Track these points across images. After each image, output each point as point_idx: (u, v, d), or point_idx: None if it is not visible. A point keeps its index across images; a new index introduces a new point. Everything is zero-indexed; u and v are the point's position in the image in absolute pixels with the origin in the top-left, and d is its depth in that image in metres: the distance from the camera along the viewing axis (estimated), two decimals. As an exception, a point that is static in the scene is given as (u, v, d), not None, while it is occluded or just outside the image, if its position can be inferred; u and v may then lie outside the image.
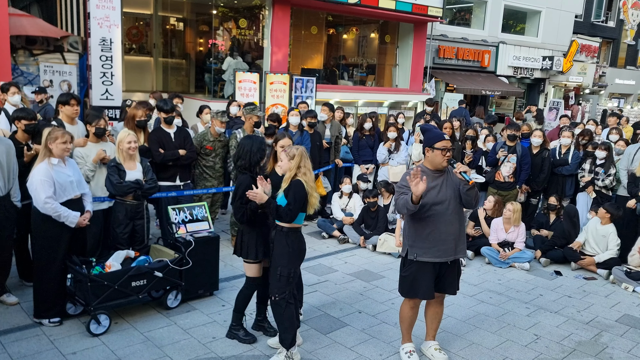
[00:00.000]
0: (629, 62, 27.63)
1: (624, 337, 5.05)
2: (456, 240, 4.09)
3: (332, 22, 16.17)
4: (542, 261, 7.02)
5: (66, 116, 5.60)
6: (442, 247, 4.04)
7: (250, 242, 4.31)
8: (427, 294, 4.14)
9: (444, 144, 3.99)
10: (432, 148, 4.03)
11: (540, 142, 7.93)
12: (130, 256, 4.93)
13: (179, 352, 4.28)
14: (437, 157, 4.01)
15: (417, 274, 4.11)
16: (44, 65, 9.46)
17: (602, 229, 6.83)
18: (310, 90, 12.61)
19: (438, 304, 4.36)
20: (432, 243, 4.03)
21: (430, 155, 4.05)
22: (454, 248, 4.09)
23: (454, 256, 4.12)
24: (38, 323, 4.59)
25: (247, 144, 4.36)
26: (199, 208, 5.44)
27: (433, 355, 4.35)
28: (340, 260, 6.81)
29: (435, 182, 4.03)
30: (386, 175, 8.57)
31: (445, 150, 3.99)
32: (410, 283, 4.15)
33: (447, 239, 4.04)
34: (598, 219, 6.90)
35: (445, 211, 4.02)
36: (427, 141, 4.08)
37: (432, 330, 4.44)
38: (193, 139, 6.61)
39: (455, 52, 17.81)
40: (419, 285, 4.11)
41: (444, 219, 4.02)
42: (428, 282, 4.11)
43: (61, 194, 4.43)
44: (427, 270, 4.09)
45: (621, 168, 7.42)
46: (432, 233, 4.02)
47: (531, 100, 20.95)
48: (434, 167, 4.06)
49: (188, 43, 15.47)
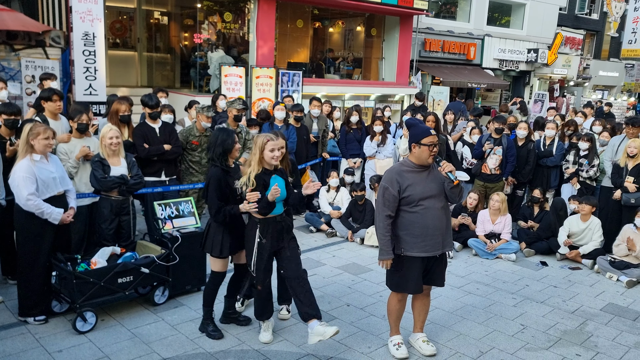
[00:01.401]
0: (612, 54, 27.88)
1: (609, 325, 5.12)
2: (443, 234, 4.11)
3: (317, 16, 16.10)
4: (524, 252, 7.08)
5: (49, 112, 5.53)
6: (430, 242, 4.05)
7: (216, 237, 4.33)
8: (416, 288, 4.16)
9: (430, 139, 3.97)
10: (418, 144, 4.00)
11: (525, 134, 7.99)
12: (116, 252, 4.89)
13: (167, 348, 4.26)
14: (424, 153, 3.99)
15: (406, 269, 4.12)
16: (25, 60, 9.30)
17: (583, 224, 6.91)
18: (296, 84, 12.56)
19: (425, 296, 4.38)
20: (420, 238, 4.03)
21: (417, 150, 4.03)
22: (441, 242, 4.11)
23: (442, 250, 4.15)
24: (23, 321, 4.54)
25: (213, 136, 4.35)
26: (185, 203, 5.40)
27: (421, 347, 4.37)
28: (328, 254, 6.81)
29: (420, 177, 4.04)
30: (373, 168, 8.59)
31: (432, 145, 3.98)
32: (399, 278, 4.17)
33: (434, 234, 4.05)
34: (578, 214, 6.98)
35: (431, 206, 4.03)
36: (414, 137, 4.05)
37: (420, 322, 4.46)
38: (179, 134, 6.56)
39: (441, 45, 17.84)
40: (408, 280, 4.13)
41: (430, 214, 4.03)
42: (417, 276, 4.13)
43: (44, 191, 4.37)
44: (415, 265, 4.10)
45: (605, 159, 7.50)
46: (420, 228, 4.02)
47: (517, 92, 21.09)
48: (420, 162, 4.05)
49: (173, 37, 15.30)
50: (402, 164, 4.17)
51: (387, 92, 15.62)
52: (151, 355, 4.15)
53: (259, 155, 4.10)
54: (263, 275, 4.24)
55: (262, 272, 4.22)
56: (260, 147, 4.10)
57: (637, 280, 6.19)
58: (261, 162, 4.12)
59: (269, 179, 4.14)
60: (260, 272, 4.22)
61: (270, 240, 4.19)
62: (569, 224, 6.99)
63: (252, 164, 4.12)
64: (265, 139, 4.10)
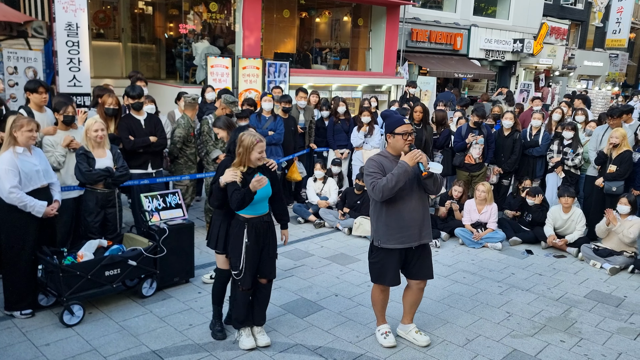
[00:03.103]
0: (597, 44, 28.13)
1: (592, 312, 5.21)
2: (420, 226, 4.08)
3: (304, 6, 16.00)
4: (509, 241, 7.15)
5: (34, 104, 5.46)
6: (406, 233, 4.03)
7: (213, 231, 4.27)
8: (394, 280, 4.15)
9: (404, 128, 3.98)
10: (392, 134, 4.02)
11: (511, 124, 8.05)
12: (103, 245, 4.86)
13: (155, 340, 4.26)
14: (398, 142, 4.00)
15: (383, 261, 4.12)
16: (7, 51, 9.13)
17: (565, 215, 7.00)
18: (283, 74, 12.50)
19: (418, 291, 4.32)
20: (396, 230, 4.02)
21: (392, 140, 4.04)
22: (418, 234, 4.07)
23: (419, 241, 4.10)
24: (9, 315, 4.51)
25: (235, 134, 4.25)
26: (172, 195, 5.38)
27: (415, 339, 4.34)
28: (316, 244, 6.83)
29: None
30: (361, 159, 8.60)
31: (406, 134, 3.97)
32: (378, 270, 4.17)
33: (411, 225, 4.03)
34: (560, 206, 7.06)
35: (407, 197, 4.00)
36: (388, 127, 4.07)
37: (410, 314, 4.44)
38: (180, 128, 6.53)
39: (428, 35, 17.86)
40: (386, 272, 4.13)
41: (407, 206, 4.01)
42: (394, 268, 4.12)
43: (27, 184, 4.33)
44: (392, 257, 4.09)
45: (590, 149, 7.59)
46: (395, 219, 4.01)
47: (503, 82, 21.20)
48: (396, 152, 4.05)
49: (158, 27, 15.13)
50: (380, 154, 4.16)
51: (375, 83, 15.63)
52: (140, 348, 4.15)
53: (246, 156, 4.00)
54: (250, 276, 4.10)
55: (249, 273, 4.09)
56: (248, 147, 3.98)
57: (619, 267, 6.30)
58: (248, 161, 4.03)
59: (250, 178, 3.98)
60: (247, 273, 4.08)
61: (256, 240, 4.07)
62: (552, 215, 7.08)
63: (236, 162, 4.01)
64: (255, 139, 4.00)
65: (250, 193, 3.93)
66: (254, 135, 4.04)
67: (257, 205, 4.06)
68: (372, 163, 4.09)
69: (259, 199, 4.04)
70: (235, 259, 4.09)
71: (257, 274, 4.18)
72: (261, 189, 3.98)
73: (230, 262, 4.17)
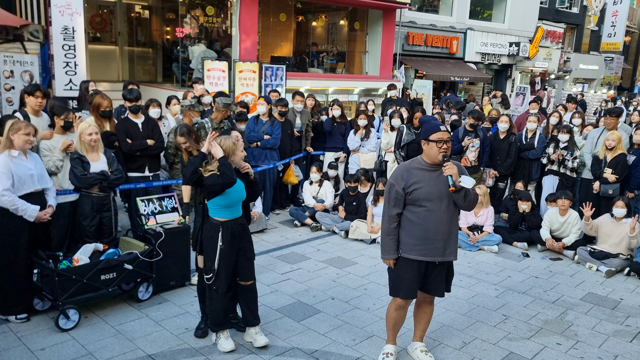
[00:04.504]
0: (592, 48, 28.27)
1: (588, 314, 5.22)
2: (446, 240, 3.85)
3: (300, 9, 16.03)
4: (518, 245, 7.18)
5: (30, 108, 5.47)
6: (430, 246, 3.82)
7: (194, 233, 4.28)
8: (409, 293, 3.93)
9: (439, 135, 3.74)
10: (427, 140, 3.79)
11: (507, 127, 8.07)
12: (99, 249, 4.84)
13: (151, 344, 4.25)
14: (432, 149, 3.76)
15: (401, 271, 3.91)
16: (3, 55, 9.12)
17: (562, 218, 7.02)
18: (280, 78, 12.51)
19: (427, 304, 4.15)
20: (420, 240, 3.82)
21: (426, 148, 3.81)
22: (442, 248, 3.85)
23: (442, 257, 3.88)
24: (4, 320, 4.48)
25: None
26: (168, 199, 5.37)
27: (419, 358, 4.19)
28: (313, 247, 6.83)
29: (429, 176, 3.81)
30: (357, 162, 8.62)
31: (441, 142, 3.73)
32: (393, 280, 3.99)
33: (435, 238, 3.81)
34: (556, 209, 7.08)
35: (435, 209, 3.79)
36: (423, 133, 3.84)
37: (420, 332, 4.24)
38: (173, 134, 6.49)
39: (424, 38, 17.91)
40: (402, 282, 3.92)
41: (433, 217, 3.79)
42: (411, 281, 3.89)
43: (20, 187, 4.32)
44: (411, 268, 3.88)
45: (585, 152, 7.62)
46: (420, 230, 3.81)
47: (499, 86, 21.28)
48: (430, 160, 3.81)
49: (154, 31, 15.14)
50: (413, 161, 3.96)
51: (371, 86, 15.64)
52: (136, 352, 4.14)
53: (231, 158, 3.99)
54: (225, 279, 4.06)
55: (224, 276, 4.05)
56: (230, 150, 3.99)
57: (615, 270, 6.31)
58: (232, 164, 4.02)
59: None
60: (221, 278, 4.04)
61: (231, 243, 4.05)
62: (549, 218, 7.10)
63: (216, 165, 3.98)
64: (234, 139, 4.02)
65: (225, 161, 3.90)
66: (230, 137, 4.09)
67: (232, 208, 4.08)
68: (395, 173, 3.91)
69: (234, 202, 4.07)
70: (210, 262, 4.07)
71: (237, 277, 4.18)
72: (237, 193, 4.03)
73: (205, 266, 4.15)
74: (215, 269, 4.04)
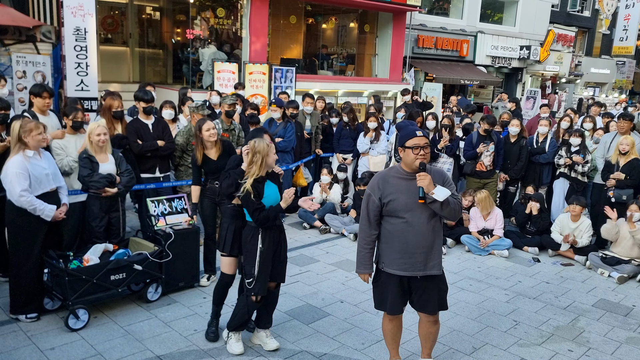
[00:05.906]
0: (603, 52, 28.04)
1: (600, 321, 5.16)
2: (427, 254, 3.62)
3: (311, 12, 16.06)
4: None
5: (37, 108, 5.54)
6: (409, 260, 3.60)
7: (221, 233, 4.26)
8: (394, 309, 3.76)
9: (415, 141, 3.50)
10: (404, 147, 3.56)
11: (517, 131, 8.01)
12: (109, 250, 4.86)
13: (160, 345, 4.25)
14: (409, 156, 3.52)
15: (384, 286, 3.76)
16: (16, 55, 9.20)
17: (574, 224, 6.95)
18: (289, 80, 12.52)
19: (430, 324, 3.90)
20: (399, 254, 3.61)
21: (403, 155, 3.58)
22: (423, 262, 3.62)
23: (424, 271, 3.64)
24: (15, 319, 4.50)
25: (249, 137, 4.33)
26: (178, 200, 5.38)
27: None
28: (322, 250, 6.81)
29: (407, 186, 3.57)
30: (367, 165, 8.58)
31: (418, 148, 3.49)
32: (379, 295, 3.83)
33: (415, 252, 3.59)
34: (568, 214, 7.01)
35: (415, 221, 3.56)
36: (400, 140, 3.63)
37: (427, 349, 4.04)
38: (179, 136, 6.49)
39: (434, 41, 17.87)
40: (386, 298, 3.76)
41: (413, 229, 3.57)
42: (394, 295, 3.72)
43: (37, 187, 4.34)
44: (392, 283, 3.70)
45: (598, 156, 7.54)
46: (399, 243, 3.60)
47: (509, 89, 21.17)
48: (409, 168, 3.59)
49: (165, 33, 15.22)
50: (391, 169, 3.77)
51: (381, 89, 15.63)
52: (144, 353, 4.14)
53: (263, 161, 3.93)
54: (264, 283, 4.02)
55: (263, 280, 4.01)
56: (264, 153, 3.92)
57: (628, 276, 6.24)
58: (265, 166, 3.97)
59: (262, 187, 3.98)
60: (261, 282, 4.00)
61: (269, 246, 4.02)
62: (560, 224, 7.03)
63: (254, 169, 3.92)
64: (268, 141, 3.98)
65: (281, 210, 3.97)
66: (264, 139, 4.04)
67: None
68: (372, 182, 3.72)
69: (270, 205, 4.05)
70: (249, 266, 4.01)
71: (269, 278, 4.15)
72: (272, 197, 4.02)
73: (244, 270, 4.08)
74: (255, 274, 3.98)
